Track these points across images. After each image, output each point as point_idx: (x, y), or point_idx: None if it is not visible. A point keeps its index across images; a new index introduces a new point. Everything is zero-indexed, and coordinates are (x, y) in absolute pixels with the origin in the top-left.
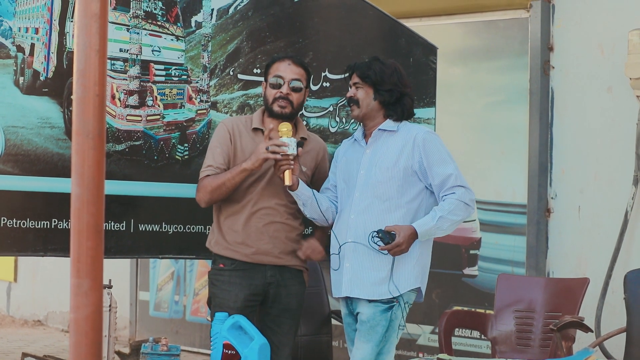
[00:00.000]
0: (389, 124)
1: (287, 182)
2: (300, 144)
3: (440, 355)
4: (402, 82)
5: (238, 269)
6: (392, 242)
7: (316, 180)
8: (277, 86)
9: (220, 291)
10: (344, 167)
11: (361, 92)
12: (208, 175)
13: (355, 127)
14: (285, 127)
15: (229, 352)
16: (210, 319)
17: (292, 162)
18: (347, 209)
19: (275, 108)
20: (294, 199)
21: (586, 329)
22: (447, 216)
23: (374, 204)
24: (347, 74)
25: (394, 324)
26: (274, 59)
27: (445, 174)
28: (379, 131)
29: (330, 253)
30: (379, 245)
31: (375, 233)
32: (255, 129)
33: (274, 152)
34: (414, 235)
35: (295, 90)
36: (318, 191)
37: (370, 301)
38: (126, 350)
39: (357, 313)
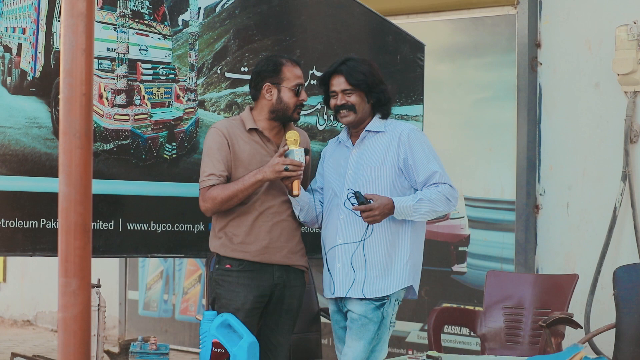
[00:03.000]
0: (375, 123)
1: (296, 191)
2: (306, 151)
3: (430, 353)
4: (381, 76)
5: (246, 270)
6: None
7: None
8: (298, 93)
9: (228, 292)
10: (331, 168)
11: (354, 97)
12: (213, 185)
13: (343, 125)
14: (293, 136)
15: (218, 350)
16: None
17: (301, 172)
18: (337, 210)
19: (296, 116)
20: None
21: (575, 325)
22: (427, 202)
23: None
24: (324, 78)
25: (386, 321)
26: (283, 61)
27: (430, 171)
28: (366, 132)
29: (323, 254)
30: (352, 205)
31: (352, 192)
32: (250, 130)
33: (291, 174)
34: (390, 208)
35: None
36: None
37: (361, 299)
38: (115, 350)
39: (347, 311)
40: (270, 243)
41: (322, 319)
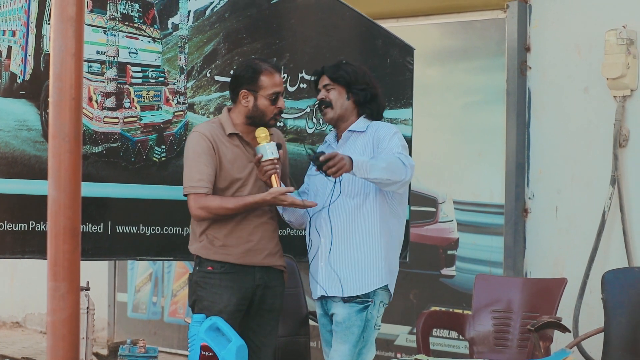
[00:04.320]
0: (359, 124)
1: (275, 185)
2: (279, 146)
3: (418, 356)
4: (373, 82)
5: (228, 272)
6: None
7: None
8: (276, 101)
9: (210, 295)
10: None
11: (333, 93)
12: (207, 194)
13: (332, 128)
14: (264, 132)
15: (207, 354)
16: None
17: (277, 165)
18: (321, 210)
19: (272, 122)
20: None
21: (564, 329)
22: (381, 161)
23: (345, 202)
24: (314, 78)
25: (370, 323)
26: (262, 68)
27: (390, 147)
28: (349, 132)
29: (309, 256)
30: (314, 157)
31: (314, 153)
32: (230, 134)
33: (266, 168)
34: (349, 162)
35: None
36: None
37: (345, 302)
38: (104, 352)
39: (332, 314)
40: (252, 245)
41: (311, 322)
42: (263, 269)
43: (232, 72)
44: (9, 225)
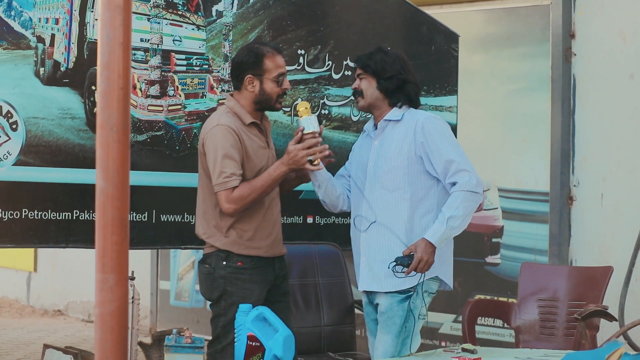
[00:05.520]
0: (394, 113)
1: (317, 165)
2: (320, 121)
3: (465, 345)
4: (405, 69)
5: (257, 267)
6: (412, 262)
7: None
8: (281, 83)
9: (241, 290)
10: (357, 159)
11: (364, 82)
12: (236, 187)
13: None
14: (304, 105)
15: (253, 344)
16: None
17: (320, 139)
18: (360, 202)
19: (278, 106)
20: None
21: (610, 318)
22: (456, 213)
23: (384, 196)
24: (353, 65)
25: (413, 313)
26: (264, 52)
27: (446, 159)
28: (384, 122)
29: (352, 248)
30: (403, 272)
31: (394, 263)
32: (250, 124)
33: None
34: (430, 245)
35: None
36: None
37: (387, 292)
38: (148, 341)
39: (377, 304)
40: (275, 236)
41: (357, 311)
42: (279, 258)
43: (232, 58)
44: (53, 214)
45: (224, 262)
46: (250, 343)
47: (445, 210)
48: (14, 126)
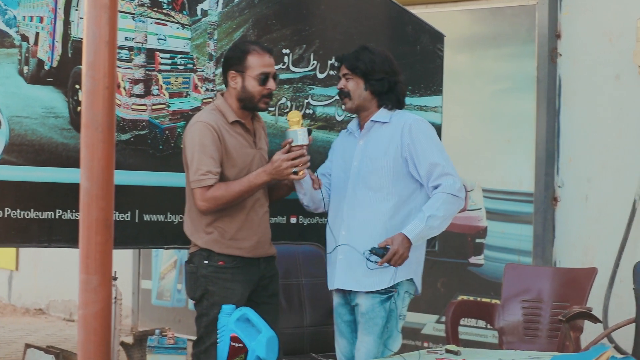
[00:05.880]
0: (382, 114)
1: (301, 173)
2: (309, 132)
3: (448, 347)
4: (393, 69)
5: (239, 266)
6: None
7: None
8: (264, 82)
9: (222, 290)
10: (340, 158)
11: (351, 83)
12: (212, 185)
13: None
14: (297, 116)
15: (236, 345)
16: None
17: (306, 153)
18: (342, 202)
19: (262, 105)
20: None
21: (595, 319)
22: (436, 213)
23: (367, 196)
24: (336, 64)
25: (394, 314)
26: (249, 49)
27: (431, 162)
28: (372, 122)
29: (327, 247)
30: (377, 263)
31: (369, 252)
32: (233, 122)
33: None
34: (407, 240)
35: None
36: None
37: (367, 292)
38: (129, 340)
39: (355, 304)
40: (259, 237)
41: None
42: (266, 258)
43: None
44: (36, 213)
45: (206, 262)
46: (233, 344)
47: (425, 209)
48: None
